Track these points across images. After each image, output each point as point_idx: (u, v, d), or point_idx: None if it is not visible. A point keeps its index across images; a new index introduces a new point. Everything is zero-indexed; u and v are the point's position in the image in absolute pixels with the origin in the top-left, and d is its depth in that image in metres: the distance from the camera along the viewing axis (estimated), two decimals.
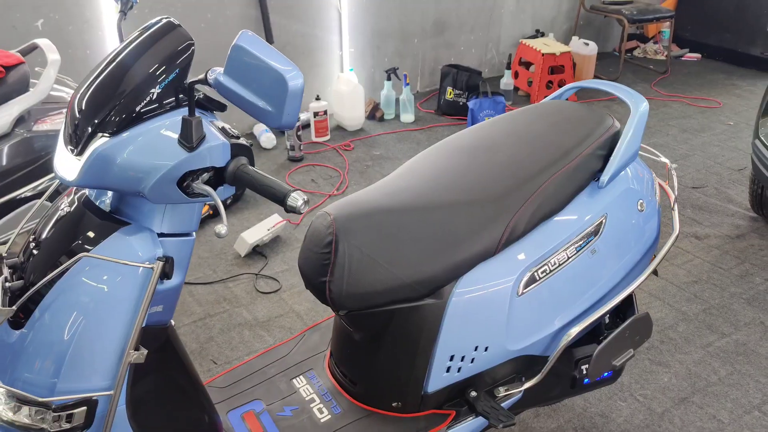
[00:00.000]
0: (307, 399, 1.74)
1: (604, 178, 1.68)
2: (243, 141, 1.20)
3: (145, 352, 1.19)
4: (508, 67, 4.82)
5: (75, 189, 1.33)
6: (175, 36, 1.19)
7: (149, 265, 1.17)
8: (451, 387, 1.64)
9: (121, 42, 1.42)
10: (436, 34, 4.91)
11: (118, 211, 1.26)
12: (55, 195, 1.51)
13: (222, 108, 1.23)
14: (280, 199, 1.10)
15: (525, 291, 1.60)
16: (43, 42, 2.65)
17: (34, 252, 1.26)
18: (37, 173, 2.56)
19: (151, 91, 1.14)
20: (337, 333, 1.77)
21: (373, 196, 1.60)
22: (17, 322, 1.23)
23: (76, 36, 3.54)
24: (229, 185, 1.19)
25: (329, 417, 1.68)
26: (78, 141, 1.17)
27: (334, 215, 1.55)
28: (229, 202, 3.42)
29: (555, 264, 1.62)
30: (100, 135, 1.14)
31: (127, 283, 1.17)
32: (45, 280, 1.17)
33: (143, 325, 1.18)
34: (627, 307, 1.87)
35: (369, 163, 3.97)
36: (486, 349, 1.61)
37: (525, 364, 1.69)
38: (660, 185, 1.94)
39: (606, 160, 1.71)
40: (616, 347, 1.73)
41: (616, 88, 1.84)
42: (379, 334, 1.62)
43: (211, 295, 2.81)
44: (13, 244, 2.49)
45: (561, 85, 4.84)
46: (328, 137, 4.22)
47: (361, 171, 3.87)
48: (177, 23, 1.23)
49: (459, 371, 1.62)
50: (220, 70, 1.08)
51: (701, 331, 2.64)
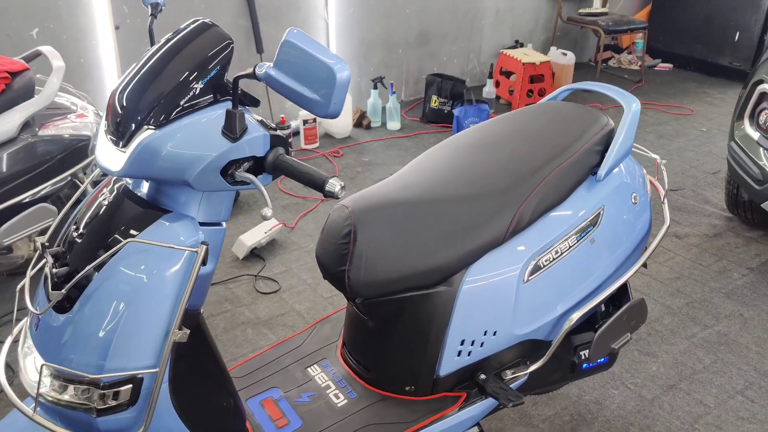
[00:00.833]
0: (322, 386, 1.82)
1: (602, 172, 1.80)
2: (280, 132, 1.28)
3: (187, 331, 1.27)
4: (490, 76, 4.96)
5: (114, 179, 1.39)
6: (214, 35, 1.27)
7: (193, 249, 1.25)
8: (462, 370, 1.74)
9: (153, 43, 1.50)
10: (420, 44, 5.03)
11: (155, 201, 1.34)
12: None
13: (256, 103, 1.31)
14: (319, 185, 1.19)
15: (530, 278, 1.71)
16: (46, 49, 2.71)
17: (77, 240, 1.33)
18: (43, 177, 2.61)
19: (194, 87, 1.22)
20: (350, 322, 1.85)
21: (387, 190, 1.70)
22: (61, 307, 1.30)
23: (70, 45, 3.58)
24: (268, 174, 1.27)
25: (345, 402, 1.76)
26: (122, 134, 1.24)
27: (351, 208, 1.64)
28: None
29: (558, 253, 1.73)
30: (145, 128, 1.22)
31: (171, 267, 1.24)
32: (95, 263, 1.24)
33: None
34: (622, 294, 1.98)
35: (359, 169, 4.07)
36: (494, 333, 1.71)
37: (530, 348, 1.79)
38: (650, 181, 2.06)
39: (602, 155, 1.83)
40: (615, 331, 1.84)
41: (609, 89, 1.97)
42: (394, 321, 1.70)
43: (212, 296, 2.87)
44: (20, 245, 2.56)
45: (541, 94, 4.99)
46: (317, 144, 4.31)
47: (352, 177, 3.97)
48: (213, 23, 1.31)
49: (469, 355, 1.72)
50: (269, 65, 1.16)
51: (685, 324, 2.77)
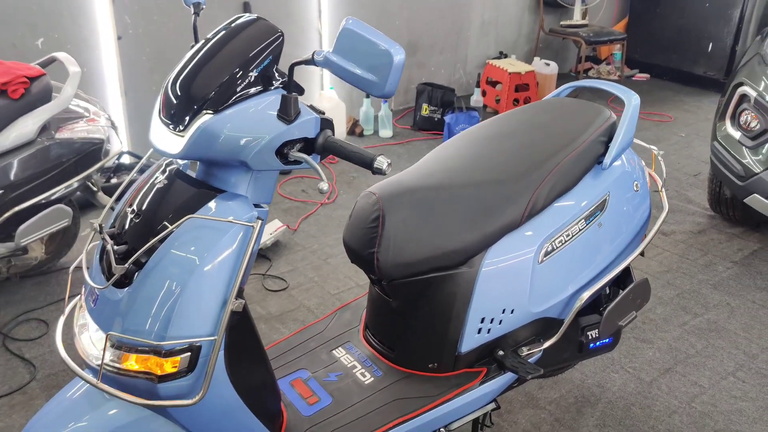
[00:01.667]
0: (348, 366, 1.92)
1: (607, 160, 1.93)
2: (327, 116, 1.39)
3: (243, 301, 1.37)
4: (478, 85, 5.12)
5: (166, 164, 1.49)
6: (265, 28, 1.39)
7: (250, 223, 1.35)
8: (482, 347, 1.85)
9: (196, 39, 1.61)
10: (409, 54, 5.18)
11: (206, 182, 1.43)
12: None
13: (301, 91, 1.42)
14: (367, 163, 1.30)
15: (545, 259, 1.83)
16: (62, 55, 2.79)
17: (134, 220, 1.42)
18: (59, 179, 2.68)
19: (250, 75, 1.33)
20: (373, 305, 1.96)
21: (411, 177, 1.82)
22: (119, 283, 1.39)
23: (74, 54, 3.63)
24: (317, 154, 1.38)
25: (372, 379, 1.86)
26: (180, 119, 1.34)
27: (378, 194, 1.75)
28: None
29: (569, 235, 1.86)
30: (204, 113, 1.32)
31: (229, 240, 1.34)
32: (158, 238, 1.33)
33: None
34: (625, 277, 2.11)
35: (355, 174, 4.18)
36: (512, 311, 1.83)
37: (544, 327, 1.91)
38: (648, 173, 2.21)
39: (606, 146, 1.97)
40: (622, 309, 1.97)
41: (610, 85, 2.11)
42: (418, 301, 1.82)
43: None
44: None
45: (527, 102, 5.16)
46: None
47: (348, 182, 4.08)
48: (260, 17, 1.42)
49: (489, 332, 1.83)
50: (327, 51, 1.27)
51: (677, 313, 2.92)
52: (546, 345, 1.89)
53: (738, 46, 5.77)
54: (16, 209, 2.57)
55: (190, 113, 1.33)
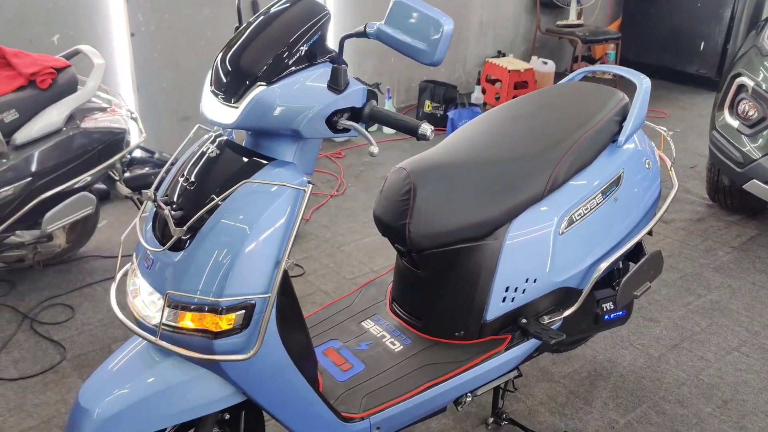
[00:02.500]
0: (378, 336, 2.00)
1: (622, 138, 2.04)
2: (372, 88, 1.49)
3: (294, 261, 1.45)
4: (478, 82, 5.23)
5: (216, 135, 1.57)
6: (312, 6, 1.48)
7: (301, 187, 1.44)
8: (506, 315, 1.95)
9: (240, 20, 1.70)
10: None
11: (254, 151, 1.52)
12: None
13: (345, 64, 1.51)
14: (413, 129, 1.40)
15: (565, 231, 1.93)
16: (86, 48, 2.87)
17: (188, 188, 1.50)
18: (84, 167, 2.76)
19: (300, 49, 1.43)
20: (400, 277, 2.05)
21: (439, 154, 1.92)
22: (174, 247, 1.47)
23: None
24: (364, 122, 1.47)
25: (402, 347, 1.95)
26: (234, 91, 1.43)
27: (409, 169, 1.85)
28: None
29: (588, 209, 1.96)
30: (257, 84, 1.41)
31: (282, 203, 1.43)
32: (216, 201, 1.42)
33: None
34: (638, 251, 2.22)
35: (361, 168, 4.28)
36: (535, 280, 1.93)
37: (563, 297, 2.01)
38: (658, 154, 2.32)
39: (620, 125, 2.08)
40: (637, 280, 2.07)
41: (622, 70, 2.23)
42: (446, 271, 1.91)
43: None
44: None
45: None
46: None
47: (356, 175, 4.17)
48: None
49: (513, 301, 1.93)
50: (378, 23, 1.37)
51: (681, 294, 3.03)
52: (566, 313, 1.99)
53: (729, 44, 5.92)
54: (44, 196, 2.65)
55: (245, 85, 1.42)
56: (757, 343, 2.70)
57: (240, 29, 1.53)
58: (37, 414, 2.25)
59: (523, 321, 1.95)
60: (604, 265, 2.00)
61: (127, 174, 3.64)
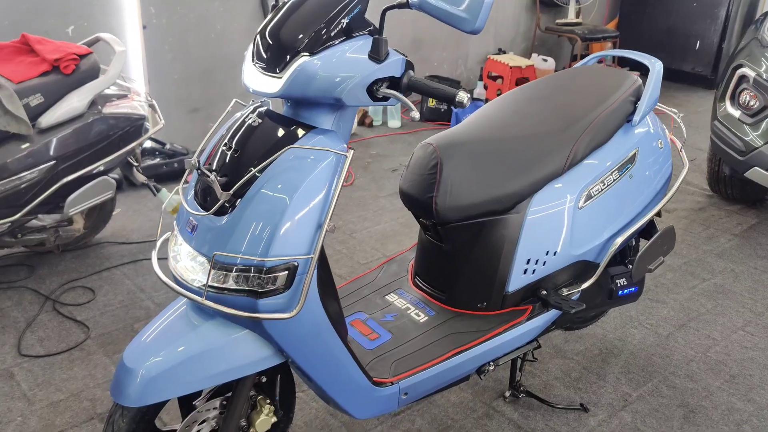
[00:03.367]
0: (402, 308, 2.07)
1: (636, 117, 2.12)
2: (409, 59, 1.56)
3: (334, 225, 1.52)
4: (480, 78, 5.32)
5: (256, 106, 1.64)
6: None
7: (343, 152, 1.51)
8: (527, 287, 2.02)
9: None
10: (414, 50, 5.37)
11: (294, 119, 1.59)
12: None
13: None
14: (450, 97, 1.47)
15: (584, 205, 2.01)
16: (106, 36, 2.93)
17: (232, 155, 1.56)
18: (106, 151, 2.81)
19: (342, 21, 1.50)
20: (424, 251, 2.12)
21: (464, 131, 1.99)
22: (219, 211, 1.53)
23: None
24: (402, 92, 1.54)
25: (426, 318, 2.02)
26: (278, 62, 1.50)
27: (435, 144, 1.92)
28: None
29: (605, 184, 2.04)
30: (301, 55, 1.48)
31: (325, 168, 1.50)
32: (261, 165, 1.48)
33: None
34: (650, 229, 2.30)
35: (369, 160, 4.35)
36: (555, 253, 2.00)
37: (581, 269, 2.08)
38: (669, 137, 2.40)
39: (635, 105, 2.16)
40: (652, 254, 2.15)
41: (635, 54, 2.31)
42: (470, 244, 1.98)
43: None
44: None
45: None
46: None
47: (364, 167, 4.24)
48: None
49: (533, 273, 2.00)
50: None
51: (686, 278, 3.11)
52: (584, 286, 2.07)
53: (724, 43, 6.04)
54: (67, 179, 2.71)
55: (288, 56, 1.49)
56: (761, 323, 2.78)
57: (279, 5, 1.60)
58: (65, 388, 2.30)
59: (543, 293, 2.02)
60: (620, 240, 2.08)
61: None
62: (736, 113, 3.36)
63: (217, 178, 1.54)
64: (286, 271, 1.50)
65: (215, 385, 1.62)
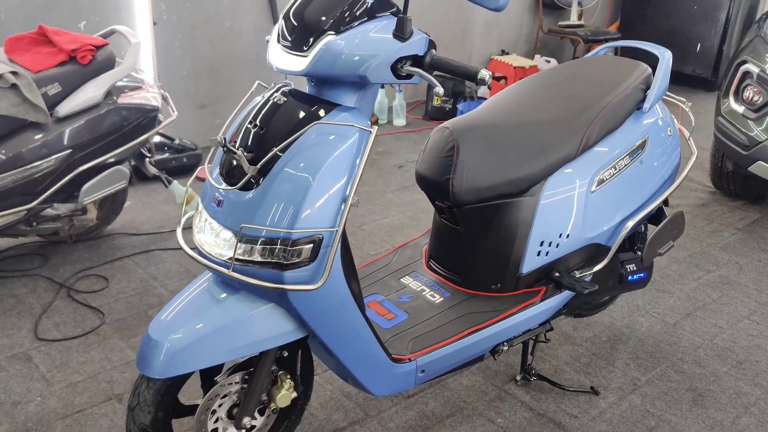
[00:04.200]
0: (417, 290, 2.11)
1: (647, 105, 2.17)
2: (431, 38, 1.60)
3: (358, 198, 1.56)
4: None
5: (280, 86, 1.68)
6: None
7: (368, 128, 1.55)
8: (540, 269, 2.06)
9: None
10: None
11: (318, 97, 1.62)
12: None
13: None
14: (472, 75, 1.52)
15: (596, 189, 2.05)
16: (122, 28, 2.97)
17: (258, 132, 1.60)
18: (120, 141, 2.85)
19: (367, 2, 1.54)
20: (439, 234, 2.16)
21: (480, 116, 2.03)
22: (245, 186, 1.57)
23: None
24: (425, 70, 1.58)
25: (442, 299, 2.06)
26: (304, 41, 1.54)
27: (452, 127, 1.97)
28: None
29: (616, 169, 2.09)
30: (327, 34, 1.52)
31: (349, 144, 1.54)
32: (288, 141, 1.52)
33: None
34: (659, 215, 2.34)
35: (375, 157, 4.39)
36: (568, 236, 2.04)
37: (593, 253, 2.13)
38: (678, 127, 2.45)
39: (645, 93, 2.20)
40: (662, 237, 2.19)
41: (644, 44, 2.36)
42: (485, 227, 2.02)
43: None
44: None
45: None
46: None
47: (371, 162, 4.29)
48: None
49: (547, 255, 2.04)
50: None
51: (691, 269, 3.16)
52: (596, 269, 2.11)
53: (725, 46, 6.10)
54: (83, 168, 2.74)
55: (314, 35, 1.53)
56: (766, 312, 2.83)
57: None
58: (83, 370, 2.33)
59: (556, 275, 2.06)
60: (631, 224, 2.12)
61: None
62: (740, 109, 3.41)
63: (244, 153, 1.58)
64: (311, 244, 1.54)
65: (238, 357, 1.66)
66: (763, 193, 3.89)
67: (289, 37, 1.57)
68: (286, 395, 1.80)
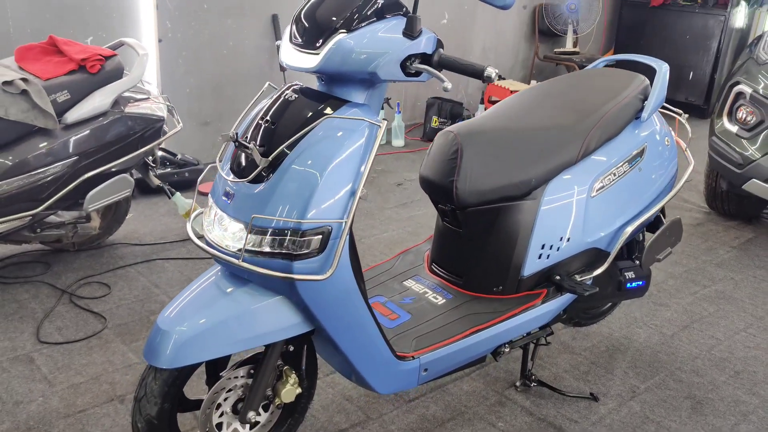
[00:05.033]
0: (420, 292, 2.14)
1: (645, 114, 2.23)
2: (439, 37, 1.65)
3: (366, 191, 1.60)
4: (482, 102, 5.46)
5: (290, 85, 1.72)
6: None
7: (377, 123, 1.59)
8: (541, 272, 2.09)
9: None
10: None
11: (329, 94, 1.67)
12: None
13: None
14: (479, 72, 1.57)
15: (596, 194, 2.10)
16: (130, 40, 3.04)
17: (270, 128, 1.64)
18: (126, 150, 2.89)
19: (378, 2, 1.60)
20: (442, 238, 2.20)
21: (483, 121, 2.09)
22: (255, 179, 1.60)
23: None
24: (433, 68, 1.63)
25: (444, 300, 2.09)
26: (315, 39, 1.59)
27: (456, 131, 2.02)
28: None
29: (616, 175, 2.14)
30: (339, 32, 1.57)
31: (358, 138, 1.58)
32: (298, 135, 1.56)
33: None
34: (657, 223, 2.39)
35: (375, 175, 4.45)
36: (569, 239, 2.08)
37: (593, 257, 2.16)
38: (675, 138, 2.51)
39: (643, 103, 2.27)
40: (660, 243, 2.24)
41: (642, 57, 2.44)
42: (488, 230, 2.06)
43: None
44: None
45: None
46: None
47: (370, 180, 4.33)
48: None
49: (548, 258, 2.08)
50: None
51: (687, 284, 3.20)
52: (595, 273, 2.14)
53: (716, 74, 6.23)
54: (88, 175, 2.78)
55: (326, 33, 1.58)
56: (762, 326, 2.86)
57: None
58: (85, 372, 2.34)
59: (557, 278, 2.10)
60: (630, 229, 2.16)
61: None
62: (734, 128, 3.49)
63: (256, 147, 1.62)
64: (320, 235, 1.57)
65: (245, 349, 1.67)
66: (757, 213, 3.95)
67: (301, 37, 1.62)
68: (290, 390, 1.81)
